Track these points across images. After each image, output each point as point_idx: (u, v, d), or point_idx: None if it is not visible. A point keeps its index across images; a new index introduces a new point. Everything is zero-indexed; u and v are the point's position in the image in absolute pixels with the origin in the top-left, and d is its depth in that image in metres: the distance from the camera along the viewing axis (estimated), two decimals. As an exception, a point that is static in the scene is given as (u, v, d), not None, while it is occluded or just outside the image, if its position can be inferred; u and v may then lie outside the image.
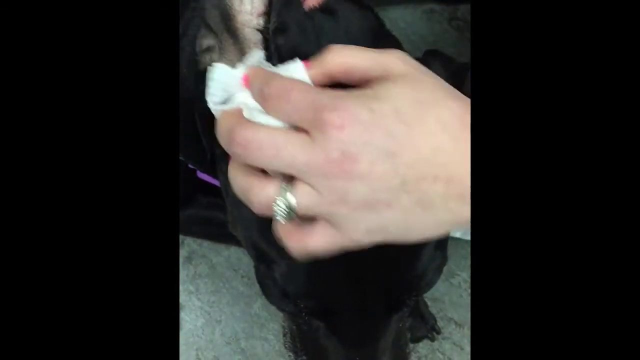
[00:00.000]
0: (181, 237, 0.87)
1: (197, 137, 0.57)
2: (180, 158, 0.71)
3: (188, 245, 0.87)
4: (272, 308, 0.81)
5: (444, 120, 0.37)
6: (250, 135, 0.37)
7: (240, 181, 0.39)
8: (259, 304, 0.83)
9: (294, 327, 0.57)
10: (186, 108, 0.55)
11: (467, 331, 0.81)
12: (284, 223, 0.38)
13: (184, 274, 0.85)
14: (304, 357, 0.57)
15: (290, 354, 0.60)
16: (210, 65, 0.43)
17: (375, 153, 0.36)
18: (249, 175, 0.39)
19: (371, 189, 0.36)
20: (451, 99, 0.38)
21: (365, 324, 0.51)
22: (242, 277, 0.85)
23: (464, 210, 0.37)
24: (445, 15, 1.07)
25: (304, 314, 0.50)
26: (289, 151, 0.36)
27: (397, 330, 0.54)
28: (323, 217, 0.38)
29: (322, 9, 0.49)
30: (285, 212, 0.37)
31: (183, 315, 0.83)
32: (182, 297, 0.84)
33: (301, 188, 0.37)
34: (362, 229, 0.38)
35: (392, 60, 0.39)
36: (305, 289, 0.48)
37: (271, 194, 0.38)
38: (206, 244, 0.87)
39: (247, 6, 0.44)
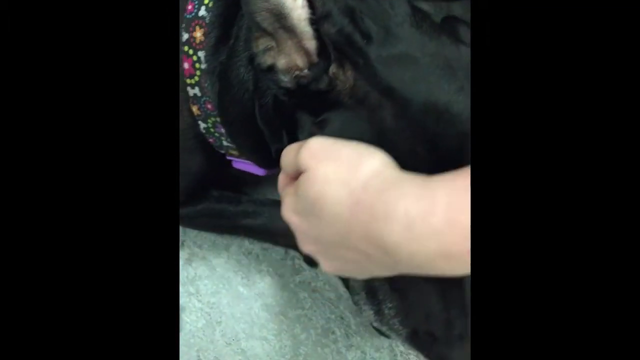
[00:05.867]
0: (181, 239, 0.87)
1: (261, 137, 0.61)
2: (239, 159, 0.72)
3: (188, 247, 0.87)
4: (272, 309, 0.82)
5: (335, 212, 0.44)
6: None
7: None
8: (259, 305, 0.84)
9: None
10: (247, 111, 0.60)
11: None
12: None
13: (184, 275, 0.86)
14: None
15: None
16: (272, 63, 0.50)
17: (310, 237, 0.48)
18: None
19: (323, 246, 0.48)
20: (336, 183, 0.44)
21: None
22: (242, 278, 0.85)
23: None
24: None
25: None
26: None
27: None
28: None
29: None
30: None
31: (183, 316, 0.83)
32: (183, 299, 0.84)
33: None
34: (337, 264, 0.49)
35: (302, 158, 0.47)
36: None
37: None
38: (206, 245, 0.87)
39: (299, 1, 0.47)
